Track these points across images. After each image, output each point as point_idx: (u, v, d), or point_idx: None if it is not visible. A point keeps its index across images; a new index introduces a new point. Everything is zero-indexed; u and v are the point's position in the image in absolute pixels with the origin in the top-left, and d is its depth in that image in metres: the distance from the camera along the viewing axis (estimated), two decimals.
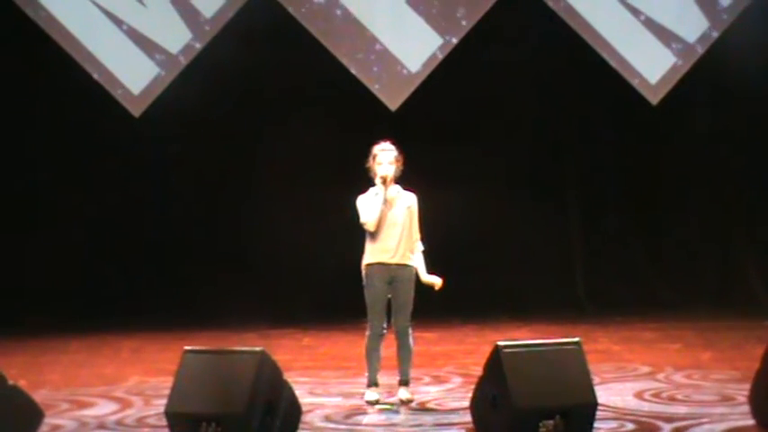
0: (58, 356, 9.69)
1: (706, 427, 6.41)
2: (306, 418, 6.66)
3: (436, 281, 7.19)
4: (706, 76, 10.78)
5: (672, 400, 7.24)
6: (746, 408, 6.55)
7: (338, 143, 11.33)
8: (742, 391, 7.13)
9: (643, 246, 12.66)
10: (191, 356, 6.15)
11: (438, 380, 8.07)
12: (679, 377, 8.01)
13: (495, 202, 12.05)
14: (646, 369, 8.35)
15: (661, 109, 10.53)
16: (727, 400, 7.16)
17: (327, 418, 6.84)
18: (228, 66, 11.13)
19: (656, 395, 7.37)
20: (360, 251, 7.20)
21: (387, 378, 7.40)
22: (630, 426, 6.47)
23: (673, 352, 9.24)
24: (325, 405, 7.20)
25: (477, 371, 6.47)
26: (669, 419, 6.59)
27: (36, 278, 11.76)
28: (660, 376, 8.06)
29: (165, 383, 6.70)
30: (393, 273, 7.10)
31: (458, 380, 8.04)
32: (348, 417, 6.89)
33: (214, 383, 5.97)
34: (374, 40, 10.22)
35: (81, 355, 9.75)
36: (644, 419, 6.61)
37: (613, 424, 6.52)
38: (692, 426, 6.44)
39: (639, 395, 7.37)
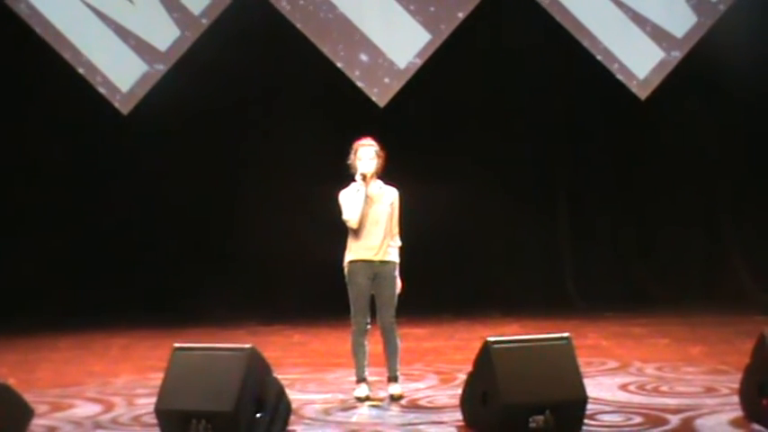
0: (47, 354, 9.67)
1: (712, 417, 6.47)
2: (296, 414, 6.66)
3: (398, 286, 7.19)
4: (693, 70, 10.80)
5: (658, 392, 7.29)
6: (733, 398, 6.62)
7: (326, 140, 11.28)
8: (722, 383, 7.34)
9: (632, 241, 12.68)
10: (180, 354, 6.15)
11: (428, 376, 8.07)
12: (651, 370, 8.07)
13: (484, 199, 12.06)
14: (614, 363, 8.38)
15: (649, 104, 10.55)
16: (710, 390, 7.24)
17: (317, 415, 6.83)
18: (217, 63, 11.12)
19: (641, 388, 7.42)
20: (344, 248, 7.21)
21: (377, 375, 7.40)
22: (638, 419, 6.50)
23: (662, 347, 9.27)
24: (315, 401, 7.21)
25: (467, 367, 6.48)
26: (672, 411, 6.64)
27: (25, 276, 11.73)
28: (632, 369, 8.13)
29: (155, 381, 6.69)
30: (376, 269, 7.11)
31: (447, 376, 8.04)
32: (338, 413, 6.88)
33: (204, 381, 5.97)
34: (362, 36, 10.21)
35: (71, 353, 9.74)
36: (648, 412, 6.63)
37: (619, 417, 6.55)
38: (696, 417, 6.50)
39: (625, 388, 7.41)
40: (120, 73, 10.05)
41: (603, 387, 7.43)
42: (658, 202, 12.51)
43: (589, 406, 6.19)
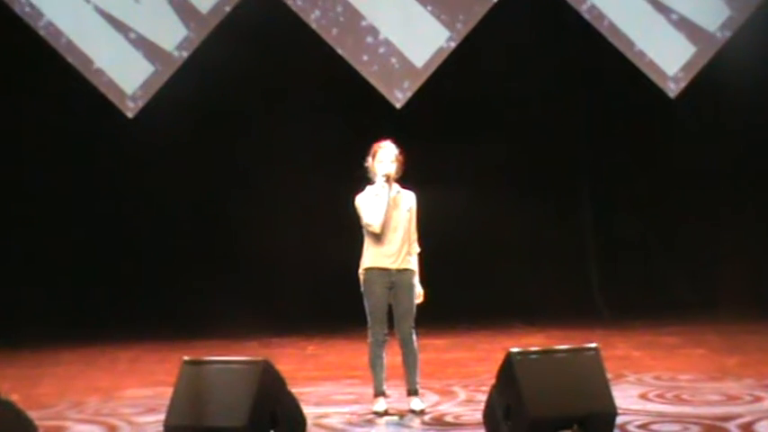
0: (52, 369, 9.70)
1: (763, 423, 6.54)
2: (311, 430, 6.66)
3: (420, 293, 7.19)
4: (727, 67, 10.74)
5: (681, 400, 7.33)
6: (762, 405, 6.75)
7: (340, 142, 11.32)
8: (738, 389, 7.49)
9: (662, 245, 12.63)
10: (190, 367, 6.16)
11: (449, 389, 8.06)
12: (651, 379, 8.14)
13: (506, 202, 12.05)
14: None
15: (679, 103, 10.51)
16: (733, 399, 7.29)
17: (334, 430, 6.83)
18: (225, 63, 11.13)
19: (661, 396, 7.47)
20: (359, 254, 7.21)
21: (397, 388, 7.41)
22: (695, 428, 6.55)
23: (696, 357, 9.23)
24: (332, 416, 7.20)
25: (490, 380, 6.47)
26: (716, 419, 6.72)
27: (30, 287, 11.77)
28: (631, 378, 8.18)
29: (164, 396, 6.71)
30: (394, 278, 7.11)
31: (469, 389, 8.03)
32: (356, 428, 6.88)
33: (215, 395, 5.98)
34: (377, 33, 10.22)
35: (76, 367, 9.77)
36: (707, 422, 6.69)
37: (676, 427, 6.60)
38: (749, 423, 6.56)
39: (645, 397, 7.46)
40: (125, 74, 10.08)
41: (634, 400, 7.43)
42: (690, 204, 12.45)
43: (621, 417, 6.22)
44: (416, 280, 7.22)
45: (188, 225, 12.26)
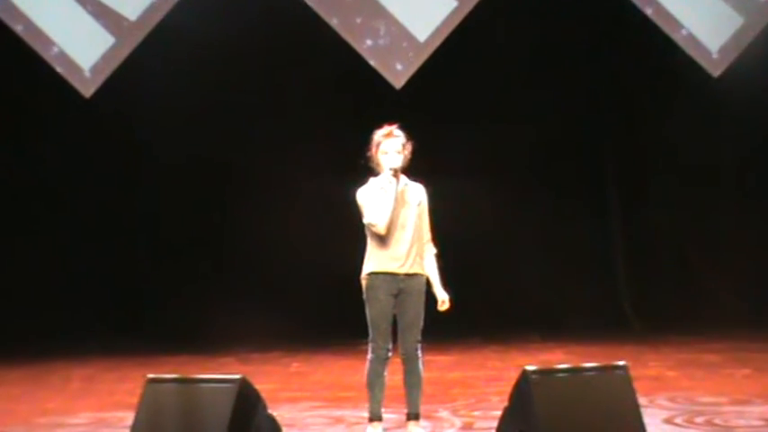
0: None
1: None
2: None
3: (444, 298, 7.14)
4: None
5: (722, 426, 7.34)
6: None
7: (333, 128, 11.35)
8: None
9: (701, 248, 12.64)
10: (155, 387, 6.13)
11: (454, 413, 8.04)
12: (688, 402, 8.15)
13: (522, 196, 12.07)
14: None
15: (720, 85, 10.47)
16: None
17: None
18: (199, 37, 11.10)
19: (697, 422, 7.47)
20: (359, 257, 7.17)
21: (393, 411, 7.37)
22: None
23: (740, 378, 9.24)
24: None
25: (501, 402, 6.45)
26: None
27: None
28: (664, 401, 8.17)
29: (122, 421, 6.69)
30: (401, 284, 7.07)
31: (477, 413, 8.02)
32: None
33: (183, 420, 5.96)
34: (375, 3, 10.20)
35: (20, 387, 9.74)
36: None
37: None
38: None
39: (670, 421, 7.46)
40: (81, 47, 10.04)
41: (662, 425, 7.45)
42: (732, 202, 12.46)
43: None
44: (438, 285, 7.16)
45: (158, 222, 12.26)
